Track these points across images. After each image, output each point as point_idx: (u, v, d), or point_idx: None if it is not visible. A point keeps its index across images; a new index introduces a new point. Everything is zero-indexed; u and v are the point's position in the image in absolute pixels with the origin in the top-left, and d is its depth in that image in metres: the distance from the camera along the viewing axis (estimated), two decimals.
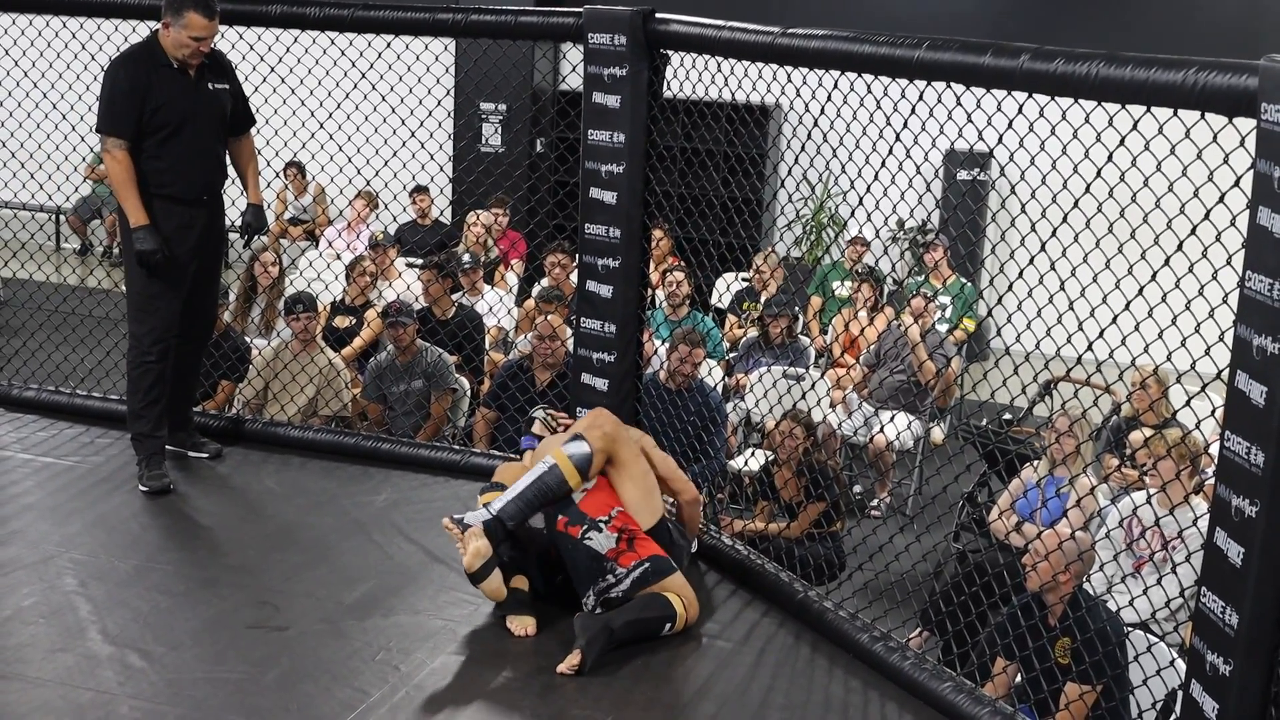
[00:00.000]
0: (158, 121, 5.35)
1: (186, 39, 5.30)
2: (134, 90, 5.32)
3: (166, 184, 5.40)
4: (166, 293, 5.47)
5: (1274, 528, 3.09)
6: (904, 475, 8.56)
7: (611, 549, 4.46)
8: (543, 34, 5.85)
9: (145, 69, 5.35)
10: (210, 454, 5.88)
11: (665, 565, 4.52)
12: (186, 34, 5.29)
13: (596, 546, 4.46)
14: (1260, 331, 3.08)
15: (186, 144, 5.41)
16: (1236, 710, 3.20)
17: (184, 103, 5.39)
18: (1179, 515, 5.45)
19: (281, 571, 4.81)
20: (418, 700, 3.98)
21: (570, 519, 4.50)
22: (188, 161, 5.44)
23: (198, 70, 5.43)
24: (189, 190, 5.46)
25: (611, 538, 4.47)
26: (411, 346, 7.62)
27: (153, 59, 5.37)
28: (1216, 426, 3.35)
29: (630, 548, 4.48)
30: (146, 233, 5.33)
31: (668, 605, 4.45)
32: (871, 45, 4.37)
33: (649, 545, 4.53)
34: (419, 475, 5.81)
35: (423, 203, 11.50)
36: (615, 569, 4.45)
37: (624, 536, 4.48)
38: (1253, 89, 3.11)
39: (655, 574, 4.48)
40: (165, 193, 5.40)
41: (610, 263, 5.54)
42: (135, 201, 5.33)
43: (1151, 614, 5.47)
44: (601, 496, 4.57)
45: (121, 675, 3.98)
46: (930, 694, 4.14)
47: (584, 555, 4.47)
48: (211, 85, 5.49)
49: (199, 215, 5.52)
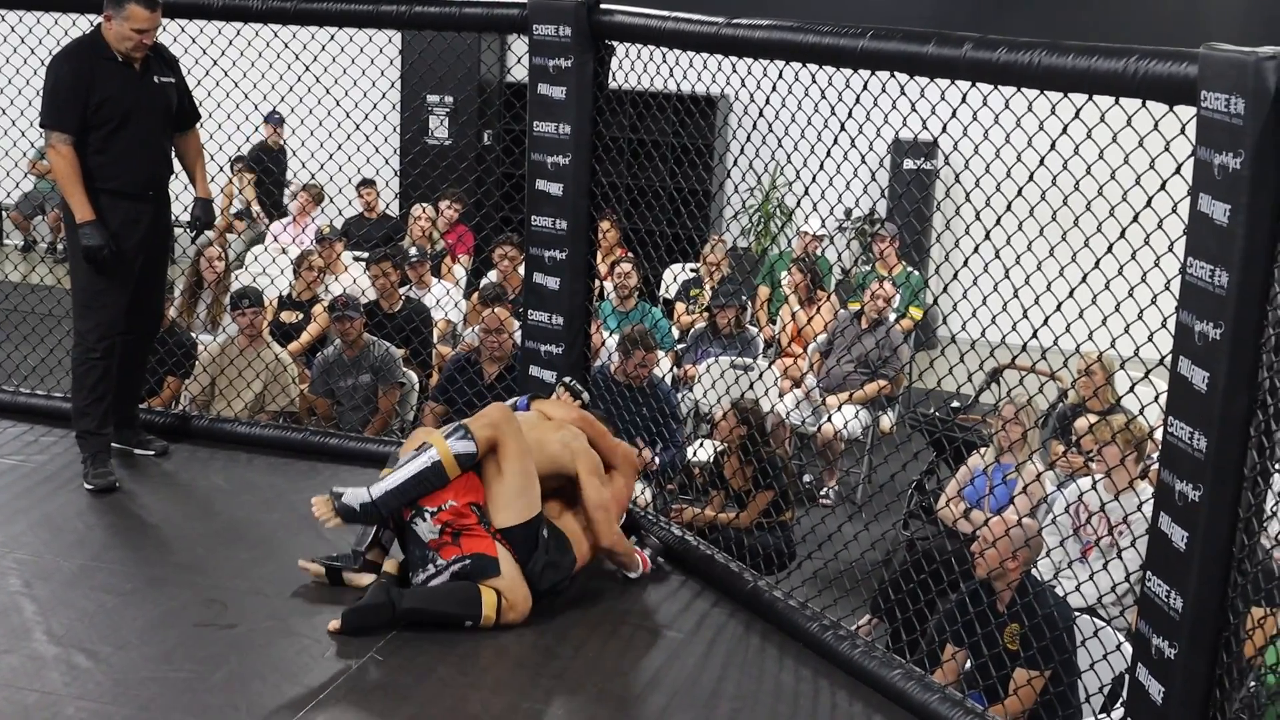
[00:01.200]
0: (102, 115, 5.29)
1: (129, 31, 5.24)
2: (77, 84, 5.26)
3: (111, 178, 5.34)
4: (112, 289, 5.42)
5: (1217, 512, 3.12)
6: (852, 464, 8.59)
7: (434, 539, 4.44)
8: (487, 25, 5.83)
9: (88, 62, 5.29)
10: (156, 451, 5.83)
11: (489, 565, 4.44)
12: (129, 26, 5.23)
13: (420, 533, 4.45)
14: (1201, 317, 3.11)
15: (132, 138, 5.36)
16: (1182, 693, 3.24)
17: (128, 96, 5.33)
18: (1125, 500, 5.49)
19: (229, 569, 4.78)
20: (368, 697, 3.96)
21: None
22: (133, 155, 5.38)
23: (142, 63, 5.37)
24: (134, 184, 5.41)
25: (435, 529, 4.44)
26: (359, 340, 7.57)
27: (96, 52, 5.32)
28: (1160, 412, 3.37)
29: (454, 541, 4.44)
30: (92, 228, 5.27)
31: (474, 602, 4.40)
32: (815, 35, 4.38)
33: (478, 542, 4.45)
34: (367, 470, 5.75)
35: (369, 196, 11.44)
36: (436, 559, 4.45)
37: (448, 529, 4.44)
38: (1192, 77, 3.14)
39: (476, 572, 4.43)
40: (110, 187, 5.34)
41: (557, 255, 5.53)
42: (81, 197, 5.27)
43: (1098, 599, 5.52)
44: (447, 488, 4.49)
45: (68, 676, 3.95)
46: (879, 681, 4.16)
47: (411, 538, 4.50)
48: (157, 79, 5.43)
49: (145, 210, 5.46)
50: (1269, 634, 4.48)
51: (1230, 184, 3.01)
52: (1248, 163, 2.96)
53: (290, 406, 7.47)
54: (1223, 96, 3.01)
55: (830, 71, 4.43)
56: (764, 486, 6.31)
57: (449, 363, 7.53)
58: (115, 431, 5.68)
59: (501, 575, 4.45)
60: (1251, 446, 3.09)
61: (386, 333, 7.89)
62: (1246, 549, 3.13)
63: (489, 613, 4.39)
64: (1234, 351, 3.05)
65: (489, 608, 4.40)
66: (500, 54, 13.03)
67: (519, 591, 4.48)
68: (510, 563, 4.48)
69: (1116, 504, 5.49)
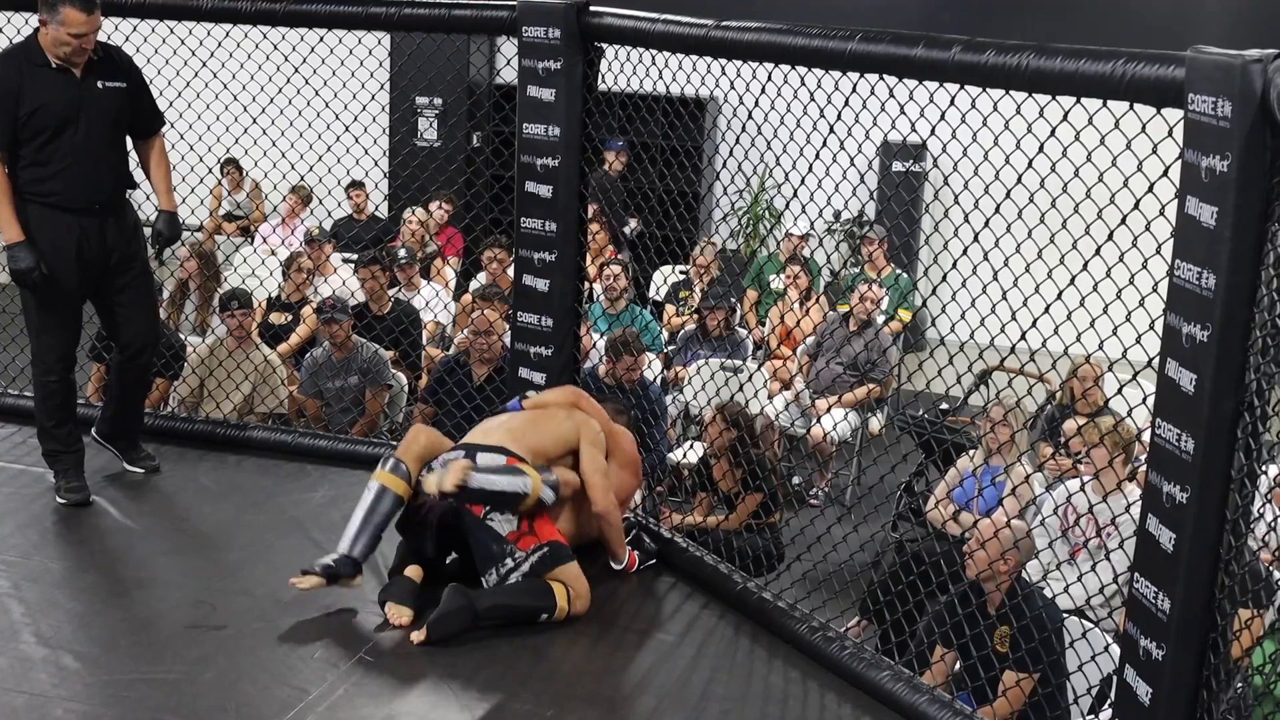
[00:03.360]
0: (35, 125, 5.01)
1: (65, 36, 4.95)
2: (5, 94, 4.99)
3: (48, 192, 5.07)
4: (58, 308, 5.20)
5: (1204, 513, 3.13)
6: (842, 465, 8.60)
7: (512, 531, 4.48)
8: (477, 27, 5.82)
9: (17, 70, 5.01)
10: (146, 470, 5.66)
11: (564, 552, 4.53)
12: (65, 31, 4.94)
13: (498, 528, 4.48)
14: (1189, 319, 3.12)
15: (70, 148, 5.06)
16: (1170, 694, 3.25)
17: (65, 104, 5.04)
18: (1113, 502, 5.51)
19: (218, 570, 4.78)
20: (357, 698, 3.96)
21: None
22: (74, 167, 5.08)
23: (84, 69, 5.08)
24: (74, 198, 5.11)
25: (513, 520, 4.47)
26: (347, 342, 7.58)
27: (28, 59, 5.04)
28: (1148, 414, 3.38)
29: (530, 530, 4.49)
30: (20, 249, 5.02)
31: (547, 594, 4.45)
32: (804, 37, 4.38)
33: (548, 528, 4.53)
34: (356, 472, 5.76)
35: (359, 198, 11.44)
36: (515, 552, 4.47)
37: (524, 518, 4.48)
38: (1180, 80, 3.15)
39: (553, 560, 4.49)
40: (48, 201, 5.08)
41: (547, 256, 5.52)
42: (8, 216, 5.02)
43: (1087, 600, 5.53)
44: None
45: (56, 677, 3.94)
46: (869, 683, 4.17)
47: (486, 535, 4.50)
48: (101, 84, 5.12)
49: (90, 224, 5.17)
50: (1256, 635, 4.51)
51: (1217, 187, 3.01)
52: (1235, 165, 2.97)
53: (279, 408, 7.47)
54: (1210, 99, 3.02)
55: (819, 74, 4.44)
56: (753, 489, 6.32)
57: (438, 364, 7.54)
58: (112, 443, 5.64)
59: (572, 562, 4.54)
60: (1238, 448, 3.09)
61: (375, 335, 7.89)
62: (1233, 550, 3.14)
63: (561, 604, 4.46)
64: (1221, 354, 3.06)
65: (561, 599, 4.46)
66: (490, 56, 13.03)
67: (582, 579, 4.56)
68: (567, 549, 4.58)
69: (1105, 506, 5.50)
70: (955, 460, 6.89)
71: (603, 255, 9.47)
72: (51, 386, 5.30)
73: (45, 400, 5.34)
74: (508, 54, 5.36)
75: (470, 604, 4.35)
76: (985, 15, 11.66)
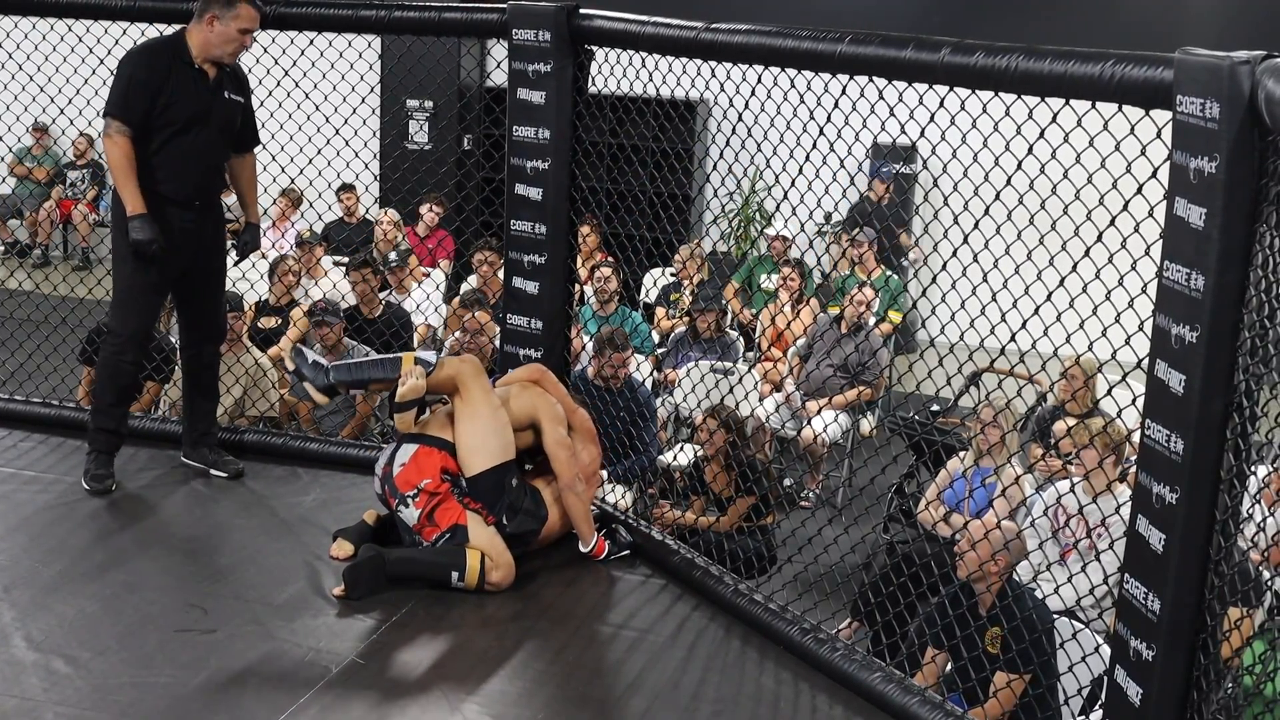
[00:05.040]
0: (167, 117, 5.24)
1: (235, 32, 5.22)
2: (151, 79, 5.21)
3: (162, 181, 5.28)
4: (150, 289, 5.41)
5: (1194, 514, 3.14)
6: (833, 467, 8.61)
7: (415, 524, 4.74)
8: (467, 30, 5.82)
9: (166, 62, 5.25)
10: (230, 474, 5.69)
11: (460, 533, 4.73)
12: (235, 26, 5.21)
13: (406, 520, 4.77)
14: (1178, 320, 3.13)
15: (189, 146, 5.29)
16: (1160, 694, 3.25)
17: (196, 104, 5.28)
18: (1103, 503, 5.52)
19: (209, 574, 4.77)
20: (348, 701, 3.96)
21: (389, 491, 4.78)
22: (187, 163, 5.32)
23: (217, 76, 5.33)
24: (183, 192, 5.34)
25: (415, 513, 4.73)
26: (338, 345, 7.57)
27: (175, 55, 5.27)
28: (1138, 415, 3.39)
29: (430, 521, 4.73)
30: (143, 221, 5.19)
31: (459, 555, 4.68)
32: (794, 40, 4.39)
33: (450, 515, 4.73)
34: (347, 475, 5.77)
35: (349, 201, 11.44)
36: (420, 542, 4.76)
37: (424, 512, 4.72)
38: (1168, 81, 3.16)
39: (459, 539, 4.72)
40: (160, 190, 5.28)
41: (537, 259, 5.53)
42: (134, 189, 5.19)
43: (1077, 601, 5.54)
44: (411, 470, 4.75)
45: (46, 682, 3.94)
46: (860, 684, 4.17)
47: (401, 525, 4.81)
48: (227, 94, 5.39)
49: (189, 218, 5.38)
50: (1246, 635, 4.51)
51: (1206, 188, 3.02)
52: (1223, 167, 2.98)
53: (270, 411, 7.46)
54: (1198, 101, 3.02)
55: (809, 76, 4.45)
56: (745, 491, 6.32)
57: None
58: (192, 450, 5.71)
59: (473, 539, 4.72)
60: (1228, 449, 3.10)
61: (366, 337, 7.89)
62: (1223, 551, 3.15)
63: (473, 564, 4.66)
64: (1210, 354, 3.06)
65: (473, 562, 4.66)
66: (480, 58, 13.03)
67: (500, 551, 4.74)
68: (481, 525, 4.75)
69: (1095, 506, 5.52)
70: (946, 462, 6.90)
71: (593, 257, 9.48)
72: (124, 365, 5.46)
73: (114, 377, 5.48)
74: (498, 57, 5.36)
75: (380, 555, 4.63)
76: (974, 17, 11.68)
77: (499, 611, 4.60)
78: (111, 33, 6.25)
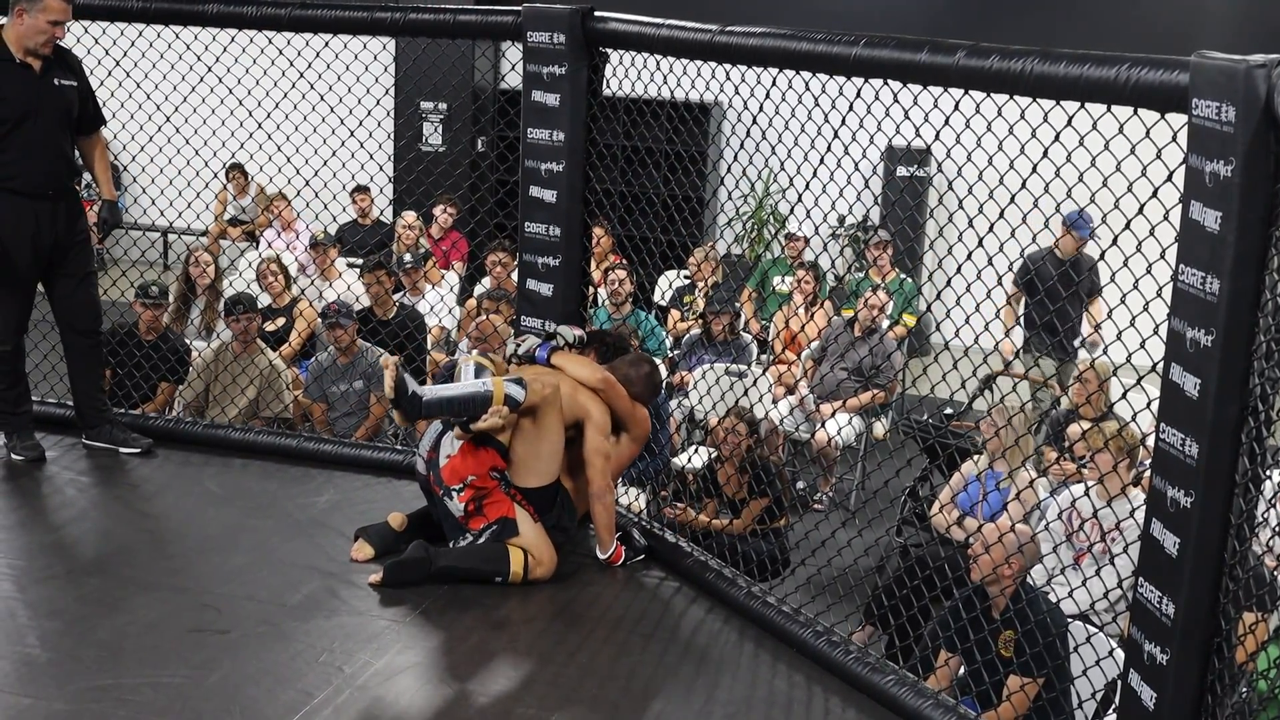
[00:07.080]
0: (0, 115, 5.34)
1: (44, 24, 5.30)
2: None
3: (9, 177, 5.38)
4: (12, 285, 5.52)
5: (1208, 518, 3.13)
6: (846, 470, 8.60)
7: (462, 515, 4.80)
8: (481, 32, 5.83)
9: None
10: (142, 449, 5.86)
11: (509, 527, 4.77)
12: (44, 19, 5.29)
13: (452, 510, 4.82)
14: (1193, 324, 3.12)
15: (28, 138, 5.39)
16: (1174, 699, 3.24)
17: (27, 97, 5.37)
18: (1117, 507, 5.51)
19: (223, 574, 4.78)
20: (361, 702, 3.96)
21: (435, 479, 4.83)
22: (31, 155, 5.41)
23: (43, 65, 5.40)
24: (32, 184, 5.43)
25: (460, 506, 4.78)
26: (352, 347, 7.58)
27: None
28: (1153, 418, 3.38)
29: (479, 511, 4.77)
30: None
31: (503, 558, 4.73)
32: (809, 43, 4.39)
33: (499, 508, 4.77)
34: (361, 476, 5.78)
35: (363, 202, 11.46)
36: (467, 533, 4.81)
37: (471, 503, 4.77)
38: (1184, 85, 3.15)
39: (504, 535, 4.76)
40: (7, 186, 5.38)
41: (550, 261, 5.53)
42: None
43: (1091, 605, 5.52)
44: (459, 463, 4.78)
45: (60, 680, 3.94)
46: (873, 688, 4.17)
47: (445, 513, 4.85)
48: (57, 81, 5.45)
49: (44, 208, 5.48)
50: (1260, 639, 4.50)
51: (1221, 191, 3.01)
52: (1239, 170, 2.97)
53: (284, 412, 7.47)
54: (1214, 104, 3.02)
55: (823, 79, 4.44)
56: (758, 493, 6.32)
57: (443, 369, 7.54)
58: (93, 431, 5.82)
59: (521, 535, 4.77)
60: (1243, 453, 3.09)
61: (380, 339, 7.90)
62: (1238, 555, 3.14)
63: (516, 569, 4.73)
64: (1225, 358, 3.06)
65: (516, 564, 4.73)
66: (494, 61, 13.05)
67: (544, 548, 4.81)
68: (529, 522, 4.82)
69: (1109, 510, 5.51)
70: (960, 465, 6.89)
71: (606, 260, 9.48)
72: (3, 353, 5.61)
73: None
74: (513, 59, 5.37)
75: (428, 557, 4.69)
76: (989, 20, 11.68)
77: (512, 614, 4.60)
78: None
